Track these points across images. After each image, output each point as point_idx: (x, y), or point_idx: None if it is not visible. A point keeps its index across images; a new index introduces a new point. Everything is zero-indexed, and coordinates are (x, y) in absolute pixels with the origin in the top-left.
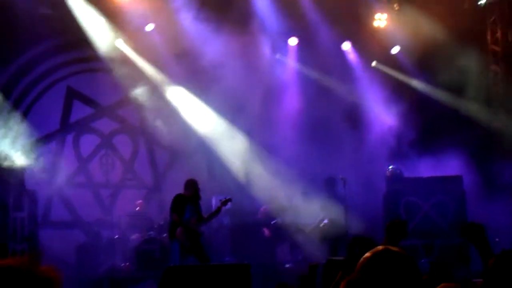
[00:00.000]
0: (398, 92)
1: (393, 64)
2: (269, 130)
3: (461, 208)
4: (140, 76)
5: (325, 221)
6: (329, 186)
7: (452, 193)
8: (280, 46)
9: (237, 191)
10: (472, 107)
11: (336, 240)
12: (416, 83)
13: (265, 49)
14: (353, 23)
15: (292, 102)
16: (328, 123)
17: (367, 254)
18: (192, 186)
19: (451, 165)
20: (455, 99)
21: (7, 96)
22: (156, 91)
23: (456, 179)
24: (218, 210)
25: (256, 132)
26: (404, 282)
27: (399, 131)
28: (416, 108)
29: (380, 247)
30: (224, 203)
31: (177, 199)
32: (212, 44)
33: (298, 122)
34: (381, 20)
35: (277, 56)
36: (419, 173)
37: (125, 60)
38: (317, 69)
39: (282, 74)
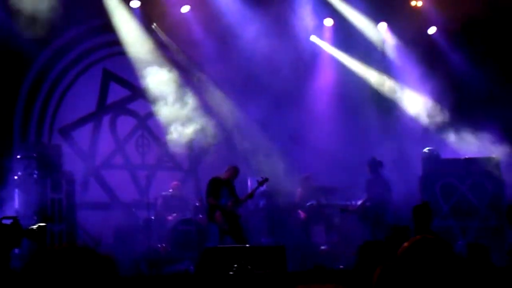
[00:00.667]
0: (434, 71)
1: (430, 45)
2: (303, 111)
3: (499, 189)
4: (173, 59)
5: (368, 203)
6: (373, 168)
7: (490, 175)
8: (315, 27)
9: (272, 173)
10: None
11: (377, 222)
12: (453, 62)
13: (300, 29)
14: (389, 3)
15: (325, 83)
16: (362, 104)
17: (406, 244)
18: (233, 171)
19: (488, 146)
20: (493, 79)
21: (44, 78)
22: (189, 75)
23: (494, 160)
24: (255, 190)
25: (290, 115)
26: (442, 269)
27: (434, 111)
28: (452, 88)
29: (418, 236)
30: (261, 183)
31: (213, 182)
32: (247, 25)
33: (332, 103)
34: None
35: (312, 37)
36: (454, 154)
37: (160, 43)
38: (351, 51)
39: (317, 55)
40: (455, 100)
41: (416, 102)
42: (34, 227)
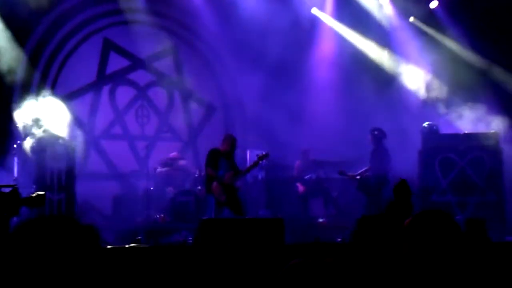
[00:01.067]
0: (433, 44)
1: (431, 20)
2: (303, 83)
3: (498, 165)
4: (175, 29)
5: (369, 172)
6: (376, 138)
7: (489, 150)
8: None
9: (272, 146)
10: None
11: (375, 193)
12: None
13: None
14: None
15: (325, 55)
16: (362, 78)
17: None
18: (229, 141)
19: (486, 121)
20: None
21: (44, 47)
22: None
23: (493, 136)
24: (255, 164)
25: (290, 88)
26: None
27: (432, 86)
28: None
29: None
30: (261, 158)
31: (212, 153)
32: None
33: (332, 76)
34: None
35: (313, 9)
36: (453, 129)
37: (163, 13)
38: (352, 24)
39: (317, 29)
40: (453, 74)
41: (415, 76)
42: (33, 195)
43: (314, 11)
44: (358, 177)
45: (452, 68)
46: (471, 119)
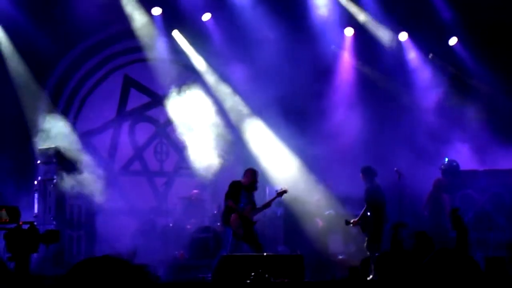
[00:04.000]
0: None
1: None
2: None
3: None
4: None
5: (368, 212)
6: (369, 176)
7: (509, 187)
8: (335, 37)
9: (291, 182)
10: None
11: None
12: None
13: (321, 39)
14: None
15: (346, 93)
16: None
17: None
18: (251, 175)
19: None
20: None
21: (65, 83)
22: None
23: None
24: (274, 199)
25: (311, 124)
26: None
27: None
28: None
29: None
30: (280, 194)
31: (233, 185)
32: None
33: (354, 112)
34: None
35: (333, 47)
36: (473, 165)
37: (181, 51)
38: (371, 61)
39: (337, 66)
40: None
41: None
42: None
43: (334, 48)
44: (360, 221)
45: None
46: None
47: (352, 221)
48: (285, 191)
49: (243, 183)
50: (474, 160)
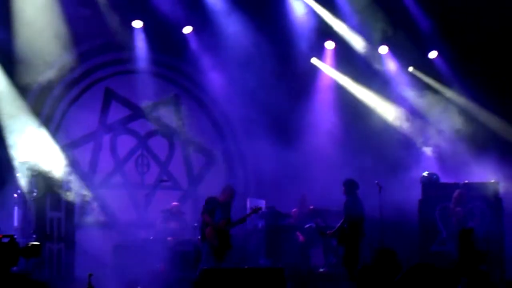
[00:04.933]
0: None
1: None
2: (301, 134)
3: (498, 215)
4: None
5: (345, 224)
6: (349, 189)
7: (489, 200)
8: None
9: (272, 194)
10: None
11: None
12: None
13: (301, 51)
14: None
15: (325, 106)
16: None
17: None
18: (229, 193)
19: (484, 171)
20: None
21: (46, 96)
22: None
23: (493, 186)
24: (248, 215)
25: (291, 138)
26: None
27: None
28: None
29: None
30: (255, 211)
31: (209, 201)
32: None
33: (330, 127)
34: None
35: (312, 59)
36: (454, 179)
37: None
38: (351, 73)
39: (318, 79)
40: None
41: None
42: (29, 245)
43: (314, 61)
44: (336, 233)
45: (453, 118)
46: (471, 169)
47: (328, 232)
48: (259, 208)
49: (220, 200)
50: (450, 172)
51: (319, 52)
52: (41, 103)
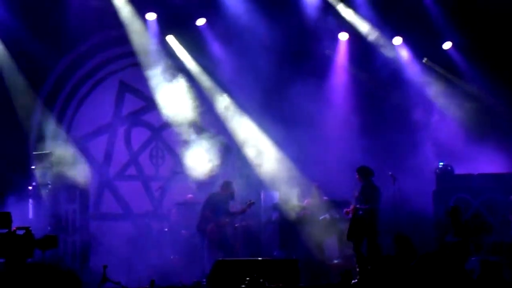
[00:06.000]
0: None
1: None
2: (318, 126)
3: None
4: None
5: (360, 212)
6: (364, 176)
7: (503, 190)
8: (330, 41)
9: (286, 186)
10: None
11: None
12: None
13: (315, 43)
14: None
15: (340, 97)
16: (376, 118)
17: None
18: (228, 187)
19: (500, 162)
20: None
21: (61, 88)
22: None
23: (507, 176)
24: (245, 209)
25: (305, 128)
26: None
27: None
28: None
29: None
30: (250, 205)
31: (211, 197)
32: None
33: (347, 119)
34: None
35: (327, 51)
36: (469, 170)
37: (175, 55)
38: (366, 67)
39: (332, 71)
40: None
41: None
42: (46, 237)
43: (328, 52)
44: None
45: (467, 108)
46: (484, 160)
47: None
48: (252, 203)
49: (220, 195)
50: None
51: (333, 42)
52: (55, 96)
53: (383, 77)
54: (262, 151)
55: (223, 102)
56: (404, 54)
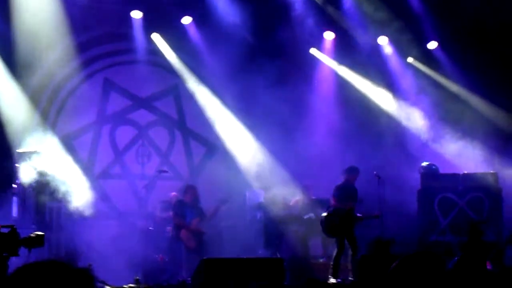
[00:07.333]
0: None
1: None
2: (304, 125)
3: (497, 205)
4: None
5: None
6: (349, 175)
7: (488, 190)
8: (315, 40)
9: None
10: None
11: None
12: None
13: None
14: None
15: (325, 97)
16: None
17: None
18: (192, 192)
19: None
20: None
21: (45, 87)
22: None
23: (492, 176)
24: (217, 208)
25: (291, 127)
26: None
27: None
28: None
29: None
30: (223, 203)
31: (177, 204)
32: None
33: (333, 117)
34: None
35: (312, 50)
36: (453, 169)
37: (160, 53)
38: (351, 64)
39: (318, 69)
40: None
41: (414, 116)
42: (32, 235)
43: (313, 51)
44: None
45: (451, 108)
46: (470, 159)
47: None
48: (227, 201)
49: (186, 200)
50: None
51: (319, 42)
52: (39, 93)
53: (369, 75)
54: (247, 150)
55: (208, 101)
56: (390, 53)
